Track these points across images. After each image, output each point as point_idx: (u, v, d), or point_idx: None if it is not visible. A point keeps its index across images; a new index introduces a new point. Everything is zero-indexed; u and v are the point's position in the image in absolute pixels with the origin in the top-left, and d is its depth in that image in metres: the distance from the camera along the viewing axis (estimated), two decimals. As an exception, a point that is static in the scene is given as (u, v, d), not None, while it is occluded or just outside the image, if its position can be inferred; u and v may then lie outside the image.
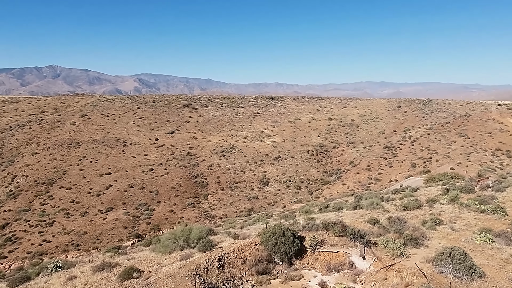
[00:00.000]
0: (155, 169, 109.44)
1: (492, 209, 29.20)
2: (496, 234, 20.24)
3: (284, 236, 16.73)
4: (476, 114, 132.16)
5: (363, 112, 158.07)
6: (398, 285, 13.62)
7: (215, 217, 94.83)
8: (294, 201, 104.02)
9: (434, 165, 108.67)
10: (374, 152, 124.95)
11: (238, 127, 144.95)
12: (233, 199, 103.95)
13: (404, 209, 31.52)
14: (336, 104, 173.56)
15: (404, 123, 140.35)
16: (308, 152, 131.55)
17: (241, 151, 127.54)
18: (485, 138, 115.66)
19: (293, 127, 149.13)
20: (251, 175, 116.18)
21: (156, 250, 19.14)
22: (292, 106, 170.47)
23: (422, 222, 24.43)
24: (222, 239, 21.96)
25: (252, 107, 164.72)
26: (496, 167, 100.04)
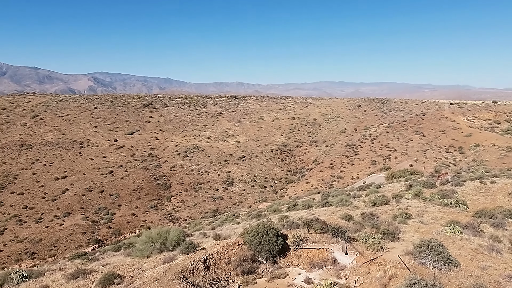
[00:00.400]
0: (115, 171, 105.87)
1: (454, 202, 30.84)
2: (463, 226, 21.43)
3: (268, 235, 16.70)
4: (431, 113, 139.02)
5: (324, 111, 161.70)
6: (382, 278, 14.04)
7: (179, 219, 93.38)
8: (259, 201, 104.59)
9: (393, 162, 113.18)
10: (336, 151, 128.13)
11: (201, 127, 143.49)
12: (198, 200, 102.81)
13: (373, 205, 32.53)
14: (298, 103, 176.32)
15: (364, 121, 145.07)
16: (272, 152, 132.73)
17: (204, 152, 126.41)
18: (439, 136, 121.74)
19: (257, 126, 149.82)
20: (216, 175, 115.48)
21: (132, 255, 18.45)
22: (255, 106, 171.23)
23: (393, 217, 25.34)
24: (198, 240, 21.64)
25: (214, 106, 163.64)
26: (450, 163, 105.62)
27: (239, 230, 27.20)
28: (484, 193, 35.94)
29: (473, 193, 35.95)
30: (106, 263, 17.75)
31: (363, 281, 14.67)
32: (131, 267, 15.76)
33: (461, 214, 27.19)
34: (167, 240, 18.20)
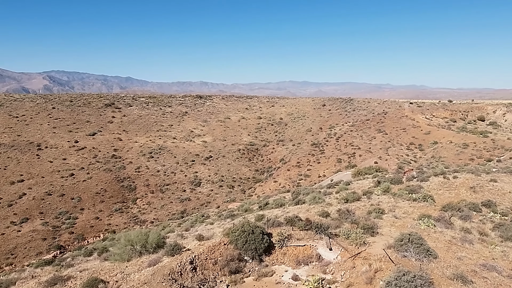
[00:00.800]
0: (76, 174, 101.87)
1: (422, 197, 32.26)
2: (435, 219, 22.48)
3: (253, 234, 16.69)
4: (392, 112, 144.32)
5: (290, 111, 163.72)
6: (367, 271, 14.44)
7: (145, 222, 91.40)
8: (228, 201, 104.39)
9: (358, 159, 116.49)
10: (302, 149, 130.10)
11: (166, 127, 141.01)
12: (164, 202, 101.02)
13: (346, 201, 33.37)
14: (264, 103, 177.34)
15: (329, 120, 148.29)
16: (239, 151, 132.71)
17: (170, 152, 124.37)
18: (401, 134, 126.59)
19: (223, 126, 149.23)
20: (182, 176, 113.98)
21: (111, 259, 17.78)
22: (221, 105, 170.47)
23: (367, 212, 26.14)
24: (177, 242, 21.24)
25: (180, 106, 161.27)
26: (411, 159, 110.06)
27: (216, 230, 27.06)
28: (448, 187, 37.88)
29: (438, 188, 37.78)
30: (83, 268, 17.01)
31: (349, 276, 15.05)
32: (112, 271, 15.22)
33: (430, 208, 28.51)
34: (147, 242, 17.75)
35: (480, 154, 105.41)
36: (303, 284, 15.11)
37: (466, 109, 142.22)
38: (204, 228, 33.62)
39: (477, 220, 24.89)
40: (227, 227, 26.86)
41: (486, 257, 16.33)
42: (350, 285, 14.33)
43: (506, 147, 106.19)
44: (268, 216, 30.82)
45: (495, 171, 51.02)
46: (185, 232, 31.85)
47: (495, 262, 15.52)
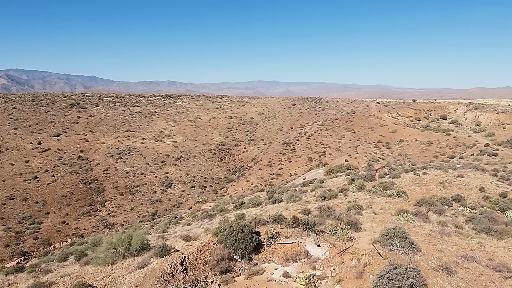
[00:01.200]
0: (40, 176, 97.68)
1: (396, 193, 33.33)
2: (413, 213, 23.30)
3: (243, 232, 16.62)
4: (360, 111, 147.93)
5: (261, 110, 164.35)
6: (356, 266, 14.76)
7: (115, 225, 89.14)
8: (200, 201, 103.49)
9: (328, 158, 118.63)
10: (274, 149, 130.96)
11: (135, 127, 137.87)
12: (135, 204, 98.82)
13: (323, 199, 33.88)
14: (235, 102, 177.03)
15: (299, 120, 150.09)
16: (211, 151, 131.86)
17: (140, 153, 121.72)
18: (369, 132, 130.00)
19: (194, 126, 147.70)
20: (153, 177, 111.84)
21: (92, 263, 17.12)
22: (191, 105, 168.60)
23: (346, 209, 26.69)
24: (159, 243, 20.81)
25: (149, 106, 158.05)
26: (379, 157, 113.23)
27: (197, 230, 26.70)
28: (419, 183, 39.28)
29: (409, 184, 39.10)
30: (64, 273, 16.31)
31: (338, 271, 15.32)
32: (97, 275, 14.71)
33: (405, 204, 29.50)
34: (130, 245, 17.28)
35: (443, 151, 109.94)
36: (295, 281, 15.25)
37: (430, 108, 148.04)
38: (182, 229, 33.14)
39: (450, 214, 26.01)
40: (207, 227, 26.65)
41: (465, 249, 17.14)
42: (340, 280, 14.61)
43: (467, 144, 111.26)
44: (248, 215, 30.84)
45: (460, 167, 53.48)
46: (162, 233, 31.28)
47: (474, 253, 16.31)
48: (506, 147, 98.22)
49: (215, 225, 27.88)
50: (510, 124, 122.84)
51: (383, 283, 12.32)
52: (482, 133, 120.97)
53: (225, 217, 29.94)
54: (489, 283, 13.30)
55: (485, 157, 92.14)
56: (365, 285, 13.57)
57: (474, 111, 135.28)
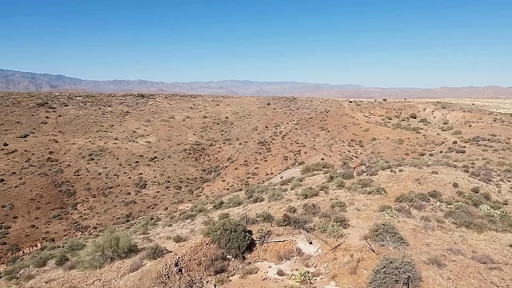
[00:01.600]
0: (7, 179, 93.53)
1: (376, 190, 34.10)
2: (396, 209, 23.91)
3: (235, 232, 16.49)
4: (333, 110, 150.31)
5: (236, 110, 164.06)
6: (350, 262, 14.98)
7: (88, 228, 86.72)
8: (176, 202, 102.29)
9: (303, 156, 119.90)
10: (249, 148, 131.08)
11: (107, 127, 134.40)
12: (108, 206, 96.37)
13: (305, 197, 34.22)
14: (209, 102, 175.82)
15: (274, 119, 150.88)
16: (185, 151, 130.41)
17: (112, 154, 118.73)
18: (342, 131, 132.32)
19: (168, 125, 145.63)
20: (126, 178, 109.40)
21: (79, 267, 16.50)
22: (165, 104, 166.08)
23: (330, 206, 27.06)
24: (144, 244, 20.36)
25: (121, 105, 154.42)
26: (353, 155, 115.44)
27: (181, 231, 26.31)
28: (396, 180, 40.33)
29: (387, 181, 40.08)
30: (48, 279, 15.62)
31: (332, 267, 15.50)
32: (87, 280, 14.19)
33: (385, 200, 30.23)
34: (118, 247, 16.81)
35: (414, 149, 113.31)
36: (289, 278, 15.31)
37: (400, 107, 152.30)
38: (163, 230, 32.57)
39: (429, 209, 26.87)
40: (191, 228, 26.32)
41: (449, 242, 17.75)
42: (334, 276, 14.79)
43: (436, 142, 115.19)
44: (232, 214, 30.74)
45: (431, 164, 55.30)
46: (143, 235, 30.64)
47: (458, 246, 16.92)
48: (473, 144, 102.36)
49: (198, 225, 27.59)
50: (476, 122, 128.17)
51: (380, 277, 12.58)
52: (449, 131, 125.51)
53: (209, 217, 29.66)
54: (476, 274, 13.85)
55: (453, 154, 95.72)
56: (359, 280, 13.81)
57: (442, 110, 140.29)
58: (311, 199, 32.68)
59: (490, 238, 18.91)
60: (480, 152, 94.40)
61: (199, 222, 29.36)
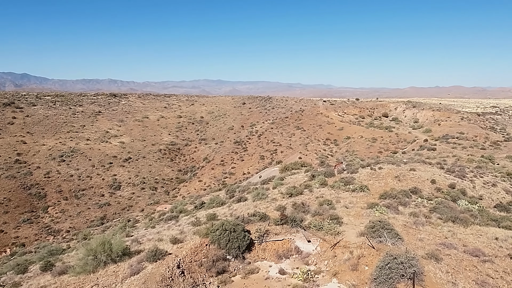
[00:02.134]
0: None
1: (359, 188, 34.66)
2: (385, 206, 24.38)
3: (235, 232, 16.27)
4: (308, 109, 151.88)
5: (211, 109, 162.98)
6: (350, 259, 15.11)
7: (60, 231, 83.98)
8: (151, 203, 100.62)
9: (280, 156, 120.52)
10: (225, 148, 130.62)
11: (78, 127, 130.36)
12: (81, 209, 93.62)
13: (290, 195, 34.30)
14: (183, 101, 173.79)
15: (250, 118, 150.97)
16: (161, 151, 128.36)
17: (84, 155, 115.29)
18: (317, 130, 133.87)
19: (142, 125, 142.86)
20: (100, 180, 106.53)
21: (70, 272, 15.77)
22: (138, 104, 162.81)
23: (318, 204, 27.23)
24: (134, 247, 19.78)
25: (92, 105, 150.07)
26: (328, 154, 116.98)
27: (168, 232, 25.79)
28: (376, 177, 41.08)
29: (368, 179, 40.75)
30: (39, 286, 14.86)
31: (333, 264, 15.58)
32: (82, 285, 13.58)
33: (370, 197, 30.75)
34: (111, 251, 16.23)
35: (387, 147, 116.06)
36: (292, 277, 15.28)
37: (372, 107, 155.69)
38: (147, 232, 31.82)
39: (413, 206, 27.57)
40: (180, 229, 25.84)
41: (440, 237, 18.26)
42: (335, 273, 14.88)
43: (408, 140, 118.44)
44: (219, 215, 30.41)
45: (407, 161, 56.79)
46: (127, 238, 29.83)
47: (449, 240, 17.43)
48: (443, 142, 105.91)
49: (186, 226, 27.13)
50: (444, 120, 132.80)
51: (385, 273, 12.76)
52: (420, 129, 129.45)
53: (197, 217, 29.20)
54: (471, 267, 14.31)
55: (425, 151, 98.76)
56: (362, 276, 13.97)
57: (413, 109, 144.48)
58: (296, 198, 32.80)
59: (476, 232, 19.60)
60: (450, 149, 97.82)
61: (185, 223, 28.88)
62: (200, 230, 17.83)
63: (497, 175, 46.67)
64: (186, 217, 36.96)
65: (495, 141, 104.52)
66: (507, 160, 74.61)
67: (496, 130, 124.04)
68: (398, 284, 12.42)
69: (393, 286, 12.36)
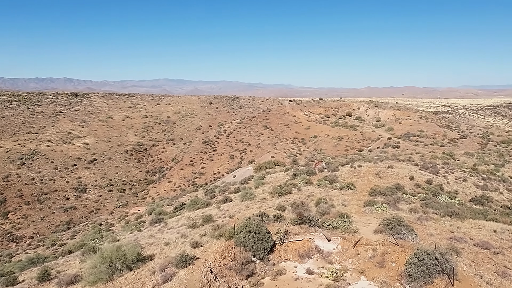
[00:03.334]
0: None
1: (346, 186, 35.22)
2: (385, 202, 24.89)
3: (259, 233, 15.87)
4: (275, 109, 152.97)
5: (177, 109, 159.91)
6: (375, 256, 15.22)
7: (23, 238, 79.19)
8: (120, 205, 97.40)
9: (249, 155, 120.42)
10: (194, 148, 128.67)
11: (38, 128, 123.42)
12: (45, 213, 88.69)
13: (280, 194, 34.24)
14: (149, 101, 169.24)
15: (218, 118, 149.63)
16: (127, 152, 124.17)
17: (46, 157, 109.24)
18: (285, 129, 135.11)
19: (106, 126, 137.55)
20: (64, 182, 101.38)
21: (83, 282, 14.57)
22: (101, 104, 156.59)
23: (315, 203, 27.30)
24: (185, 251, 18.81)
25: (52, 105, 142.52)
26: (297, 153, 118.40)
27: (168, 236, 24.75)
28: (358, 175, 41.98)
29: (350, 176, 41.53)
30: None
31: (358, 262, 15.62)
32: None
33: (360, 195, 31.32)
34: (125, 258, 15.32)
35: (353, 145, 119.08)
36: (321, 276, 15.17)
37: (337, 106, 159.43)
38: (135, 237, 30.42)
39: (403, 202, 28.39)
40: (183, 232, 24.86)
41: (446, 231, 18.90)
42: (363, 271, 14.95)
43: (372, 138, 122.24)
44: (213, 215, 29.67)
45: (381, 159, 58.49)
46: (116, 243, 28.44)
47: (457, 234, 18.07)
48: (405, 140, 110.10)
49: (182, 229, 26.21)
50: (405, 119, 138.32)
51: (421, 269, 12.98)
52: (382, 128, 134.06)
53: (193, 219, 28.33)
54: (488, 259, 14.91)
55: (389, 149, 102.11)
56: (390, 273, 14.14)
57: (375, 109, 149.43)
58: (287, 197, 32.78)
59: (474, 226, 20.49)
60: (412, 147, 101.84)
61: (179, 226, 27.88)
62: (223, 232, 17.20)
63: (465, 171, 49.19)
64: (172, 219, 35.84)
65: (452, 139, 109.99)
66: (466, 156, 78.46)
67: (452, 128, 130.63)
68: (435, 279, 12.70)
69: (430, 281, 12.63)
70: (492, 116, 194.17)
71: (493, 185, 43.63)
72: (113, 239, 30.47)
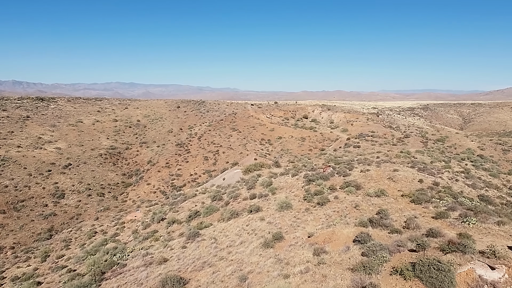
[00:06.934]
0: None
1: (379, 192, 33.13)
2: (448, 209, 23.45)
3: (443, 271, 13.21)
4: (240, 112, 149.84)
5: (146, 113, 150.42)
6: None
7: (4, 249, 68.95)
8: (101, 210, 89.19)
9: (222, 156, 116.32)
10: (168, 150, 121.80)
11: (6, 134, 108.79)
12: (23, 221, 78.08)
13: (320, 204, 31.71)
14: (116, 105, 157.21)
15: (187, 121, 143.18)
16: (102, 156, 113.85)
17: (18, 163, 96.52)
18: (252, 131, 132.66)
19: (77, 130, 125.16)
20: (40, 189, 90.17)
21: None
22: (69, 108, 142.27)
23: (382, 216, 25.25)
24: None
25: (18, 110, 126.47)
26: (266, 153, 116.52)
27: (247, 259, 21.20)
28: (372, 179, 40.43)
29: (366, 181, 39.83)
30: None
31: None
32: None
33: (401, 201, 29.80)
34: None
35: (315, 145, 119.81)
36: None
37: (294, 109, 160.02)
38: (180, 254, 26.27)
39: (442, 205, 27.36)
40: (264, 260, 21.45)
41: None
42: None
43: (331, 138, 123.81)
44: (279, 231, 26.42)
45: (377, 162, 58.03)
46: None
47: None
48: (362, 140, 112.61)
49: (257, 249, 22.74)
50: (355, 121, 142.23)
51: None
52: (337, 129, 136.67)
53: (264, 237, 24.74)
54: None
55: (351, 148, 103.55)
56: None
57: (328, 112, 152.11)
58: (328, 206, 30.44)
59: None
60: (371, 146, 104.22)
61: (239, 244, 24.35)
62: (397, 266, 14.15)
63: (449, 171, 50.19)
64: (209, 231, 31.80)
65: (400, 138, 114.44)
66: (419, 154, 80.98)
67: (393, 128, 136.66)
68: None
69: None
70: (411, 116, 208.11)
71: (476, 184, 44.52)
72: (161, 259, 25.87)
